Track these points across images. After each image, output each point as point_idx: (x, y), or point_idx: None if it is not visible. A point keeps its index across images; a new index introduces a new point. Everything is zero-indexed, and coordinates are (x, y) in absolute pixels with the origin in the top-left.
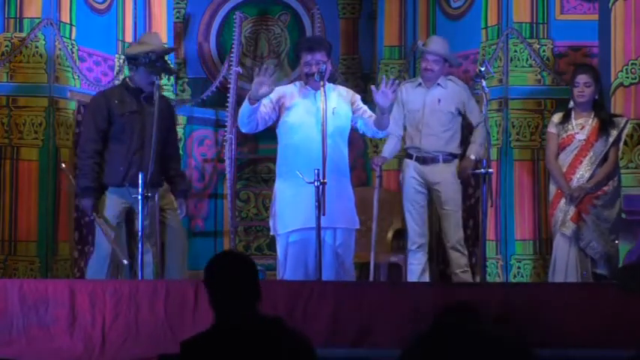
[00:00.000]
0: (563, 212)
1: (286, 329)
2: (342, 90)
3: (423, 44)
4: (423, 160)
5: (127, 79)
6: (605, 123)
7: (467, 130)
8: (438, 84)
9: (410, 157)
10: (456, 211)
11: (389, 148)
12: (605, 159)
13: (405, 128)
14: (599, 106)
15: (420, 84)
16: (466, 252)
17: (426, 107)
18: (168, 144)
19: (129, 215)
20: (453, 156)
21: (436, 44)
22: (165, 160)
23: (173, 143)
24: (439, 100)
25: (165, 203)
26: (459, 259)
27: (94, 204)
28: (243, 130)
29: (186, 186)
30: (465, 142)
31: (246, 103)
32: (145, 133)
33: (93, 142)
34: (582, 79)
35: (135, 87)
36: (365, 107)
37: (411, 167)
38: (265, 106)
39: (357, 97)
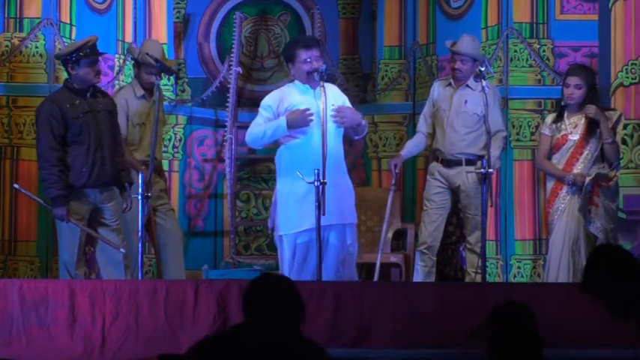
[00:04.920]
0: (564, 202)
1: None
2: (335, 88)
3: (451, 44)
4: (448, 163)
5: (69, 81)
6: (594, 121)
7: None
8: (467, 85)
9: (436, 159)
10: (477, 215)
11: (410, 146)
12: (601, 155)
13: (433, 127)
14: (590, 104)
15: (450, 84)
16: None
17: (452, 108)
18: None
19: (93, 215)
20: (478, 157)
21: (464, 44)
22: (117, 145)
23: (118, 134)
24: (465, 102)
25: (159, 204)
26: (474, 260)
27: (68, 211)
28: (258, 147)
29: (130, 179)
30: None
31: (278, 128)
32: (101, 131)
33: (53, 150)
34: (573, 80)
35: (79, 87)
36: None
37: (435, 169)
38: (270, 120)
39: (346, 98)
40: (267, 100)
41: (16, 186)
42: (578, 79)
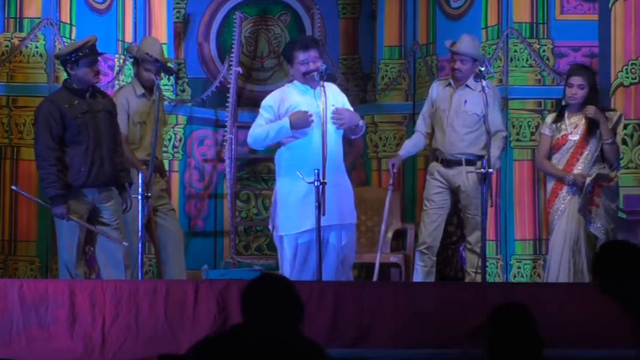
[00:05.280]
0: (564, 202)
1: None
2: (335, 88)
3: (451, 44)
4: (448, 163)
5: (68, 81)
6: (594, 121)
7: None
8: (467, 85)
9: (436, 159)
10: (477, 215)
11: (408, 145)
12: (602, 156)
13: (432, 127)
14: (590, 104)
15: (449, 83)
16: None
17: (452, 108)
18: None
19: (92, 215)
20: (478, 157)
21: (464, 44)
22: (116, 145)
23: (118, 134)
24: (465, 102)
25: (160, 204)
26: (474, 260)
27: (68, 209)
28: (260, 148)
29: (130, 179)
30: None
31: (282, 129)
32: (99, 131)
33: (51, 150)
34: (576, 80)
35: (78, 87)
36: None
37: (435, 169)
38: (271, 120)
39: (345, 97)
40: (268, 101)
41: (14, 188)
42: (581, 79)
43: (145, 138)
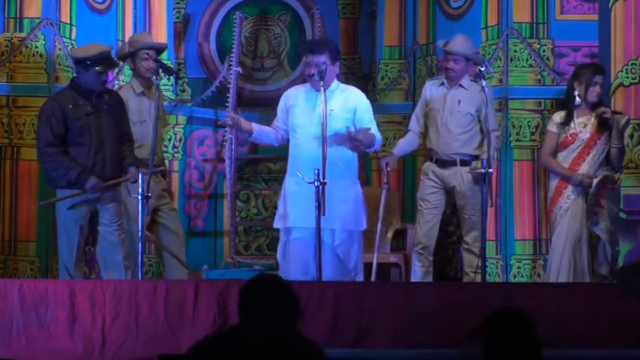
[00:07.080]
0: (568, 201)
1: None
2: (352, 94)
3: (444, 44)
4: (442, 164)
5: (75, 81)
6: (605, 122)
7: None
8: (460, 85)
9: (430, 159)
10: (473, 215)
11: (402, 144)
12: (607, 157)
13: (426, 127)
14: (599, 104)
15: (442, 83)
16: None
17: (446, 108)
18: (123, 134)
19: (93, 216)
20: (472, 157)
21: (456, 43)
22: (120, 146)
23: (127, 131)
24: (459, 102)
25: (161, 204)
26: (472, 260)
27: (98, 180)
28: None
29: (134, 159)
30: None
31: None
32: (103, 132)
33: (53, 146)
34: (600, 79)
35: (85, 88)
36: (367, 120)
37: (430, 169)
38: (279, 119)
39: (365, 107)
40: (284, 94)
41: (41, 203)
42: (602, 78)
43: (150, 137)
